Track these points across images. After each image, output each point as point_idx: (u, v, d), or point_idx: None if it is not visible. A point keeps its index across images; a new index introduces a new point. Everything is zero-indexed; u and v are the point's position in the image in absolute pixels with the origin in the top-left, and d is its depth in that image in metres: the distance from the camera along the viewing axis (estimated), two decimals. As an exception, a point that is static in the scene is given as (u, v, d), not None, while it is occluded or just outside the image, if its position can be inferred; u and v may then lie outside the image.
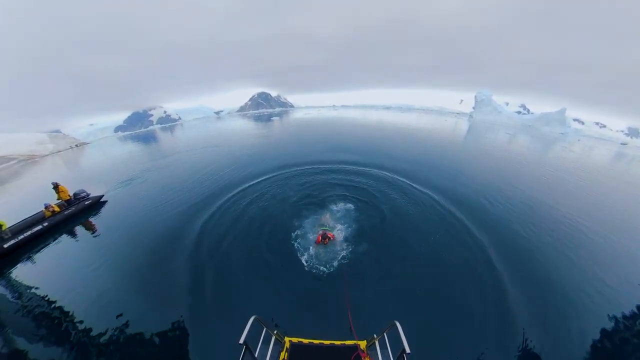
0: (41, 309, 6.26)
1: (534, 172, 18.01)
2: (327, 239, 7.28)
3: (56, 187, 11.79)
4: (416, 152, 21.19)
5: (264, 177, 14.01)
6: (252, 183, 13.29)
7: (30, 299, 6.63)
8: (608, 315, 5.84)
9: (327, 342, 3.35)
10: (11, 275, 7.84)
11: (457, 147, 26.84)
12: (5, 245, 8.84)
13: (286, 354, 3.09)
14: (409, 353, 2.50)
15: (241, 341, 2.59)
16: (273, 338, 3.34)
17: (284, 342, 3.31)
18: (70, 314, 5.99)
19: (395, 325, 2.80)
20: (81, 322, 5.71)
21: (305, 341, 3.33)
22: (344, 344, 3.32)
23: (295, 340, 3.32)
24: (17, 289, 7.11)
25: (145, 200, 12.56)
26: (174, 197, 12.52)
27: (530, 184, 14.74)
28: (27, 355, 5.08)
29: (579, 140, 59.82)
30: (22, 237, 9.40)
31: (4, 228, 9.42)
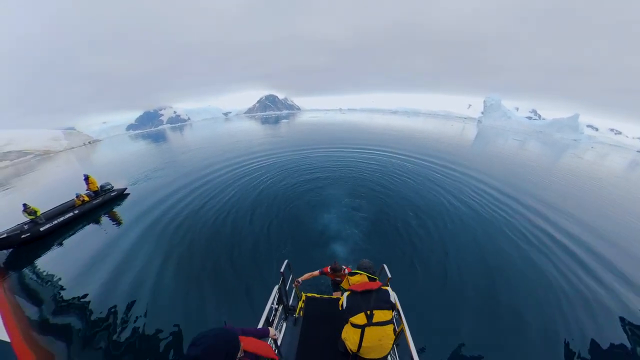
0: (71, 288, 6.63)
1: (544, 178, 17.93)
2: (342, 271, 4.00)
3: (87, 178, 12.48)
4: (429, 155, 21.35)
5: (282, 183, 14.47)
6: (266, 184, 13.77)
7: (61, 278, 7.07)
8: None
9: (334, 297, 4.05)
10: (46, 256, 8.42)
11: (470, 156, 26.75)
12: (41, 229, 9.50)
13: (303, 303, 3.76)
14: (390, 278, 3.25)
15: (282, 270, 3.36)
16: (294, 290, 4.13)
17: (301, 295, 3.98)
18: (98, 294, 6.31)
19: (384, 267, 3.54)
20: (110, 303, 5.99)
21: (317, 296, 3.98)
22: None
23: (310, 295, 3.98)
24: (50, 270, 7.59)
25: (165, 193, 13.14)
26: (190, 189, 13.15)
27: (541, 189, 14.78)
28: (53, 326, 5.46)
29: (592, 147, 58.48)
30: (55, 222, 10.05)
31: (38, 214, 10.10)
